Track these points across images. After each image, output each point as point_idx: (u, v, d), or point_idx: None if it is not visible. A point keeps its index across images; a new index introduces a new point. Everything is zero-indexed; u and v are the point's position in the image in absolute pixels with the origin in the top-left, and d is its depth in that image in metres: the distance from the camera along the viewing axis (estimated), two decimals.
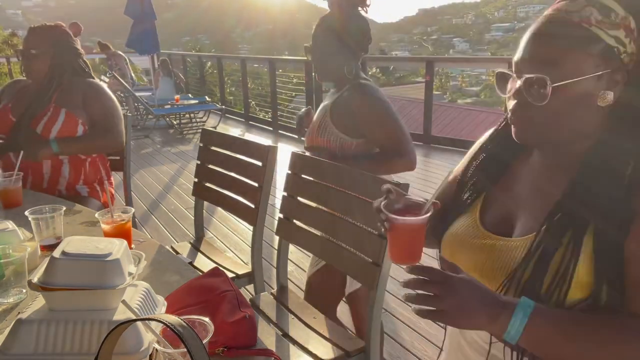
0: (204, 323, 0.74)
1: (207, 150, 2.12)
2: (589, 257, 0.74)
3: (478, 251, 0.87)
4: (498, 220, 0.89)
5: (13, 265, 1.06)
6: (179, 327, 0.51)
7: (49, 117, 2.02)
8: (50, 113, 2.02)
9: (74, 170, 2.12)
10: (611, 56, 0.75)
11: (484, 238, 0.87)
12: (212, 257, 2.04)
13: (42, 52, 2.04)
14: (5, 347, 0.83)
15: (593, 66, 0.74)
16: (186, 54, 12.53)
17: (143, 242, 1.42)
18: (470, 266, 0.87)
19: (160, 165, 5.60)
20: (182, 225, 3.77)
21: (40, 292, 0.85)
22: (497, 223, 0.89)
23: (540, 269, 0.76)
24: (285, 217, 1.76)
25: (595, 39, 0.74)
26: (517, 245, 0.82)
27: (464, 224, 0.92)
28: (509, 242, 0.84)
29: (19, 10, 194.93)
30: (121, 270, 0.88)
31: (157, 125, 7.60)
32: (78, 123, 2.06)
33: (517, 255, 0.80)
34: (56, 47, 2.08)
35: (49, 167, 2.07)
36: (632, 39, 0.76)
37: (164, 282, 1.18)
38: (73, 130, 2.05)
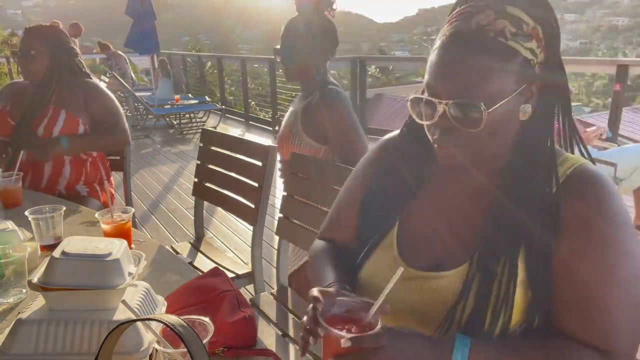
0: (204, 323, 0.74)
1: (207, 150, 2.12)
2: (523, 281, 0.72)
3: (407, 293, 0.79)
4: (420, 253, 0.82)
5: (13, 265, 1.06)
6: (179, 327, 0.51)
7: (49, 118, 2.02)
8: (50, 114, 2.02)
9: (75, 170, 2.12)
10: (528, 69, 0.72)
11: (411, 277, 0.80)
12: (212, 257, 2.04)
13: (40, 52, 2.03)
14: (5, 347, 0.83)
15: (515, 82, 0.71)
16: (186, 54, 12.53)
17: (143, 242, 1.42)
18: (402, 310, 0.79)
19: (160, 165, 5.60)
20: (182, 225, 3.77)
21: (40, 292, 0.85)
22: (420, 256, 0.81)
23: (481, 303, 0.72)
24: (285, 217, 1.76)
25: (513, 53, 0.70)
26: (450, 282, 0.75)
27: (382, 261, 0.84)
28: (439, 278, 0.77)
29: (19, 10, 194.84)
30: (121, 270, 0.88)
31: (157, 125, 7.60)
32: (79, 123, 2.06)
33: (452, 292, 0.75)
34: (54, 48, 2.07)
35: (50, 167, 2.07)
36: (541, 48, 0.74)
37: (164, 282, 1.18)
38: (74, 130, 2.05)
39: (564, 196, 0.74)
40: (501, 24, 0.70)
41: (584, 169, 0.76)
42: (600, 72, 23.39)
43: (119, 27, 9.07)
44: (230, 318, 0.95)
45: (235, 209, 1.99)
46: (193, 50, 16.54)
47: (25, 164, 1.92)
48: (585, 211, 0.72)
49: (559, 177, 0.75)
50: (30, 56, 2.03)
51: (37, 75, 2.06)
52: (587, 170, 0.76)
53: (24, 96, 2.09)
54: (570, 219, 0.72)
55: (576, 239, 0.72)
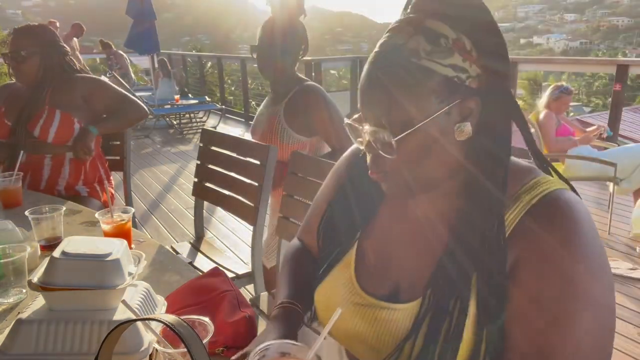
0: (204, 323, 0.74)
1: (207, 150, 2.12)
2: (473, 322, 0.66)
3: (359, 319, 0.76)
4: (378, 277, 0.77)
5: (13, 265, 1.06)
6: (179, 327, 0.51)
7: (45, 119, 2.01)
8: (46, 115, 2.01)
9: (74, 170, 2.11)
10: (453, 87, 0.65)
11: (365, 303, 0.76)
12: (212, 257, 2.04)
13: (31, 52, 2.01)
14: (5, 347, 0.83)
15: (436, 103, 0.65)
16: (186, 54, 12.53)
17: (143, 242, 1.42)
18: (353, 334, 0.77)
19: (160, 165, 5.60)
20: (182, 225, 3.77)
21: (40, 292, 0.85)
22: (377, 281, 0.77)
23: (429, 343, 0.68)
24: (285, 217, 1.76)
25: (429, 73, 0.64)
26: (403, 316, 0.71)
27: (339, 281, 0.80)
28: (392, 310, 0.73)
29: (18, 10, 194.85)
30: (121, 270, 0.88)
31: (157, 125, 7.60)
32: (74, 122, 2.05)
33: (403, 326, 0.71)
34: (44, 47, 2.05)
35: (49, 168, 2.07)
36: (471, 60, 0.65)
37: (164, 282, 1.18)
38: (69, 130, 2.05)
39: (522, 231, 0.66)
40: (415, 42, 0.65)
41: (553, 198, 0.66)
42: (600, 72, 23.38)
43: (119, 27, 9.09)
44: (230, 318, 0.95)
45: (235, 209, 1.99)
46: (193, 50, 16.53)
47: (24, 164, 1.92)
48: (548, 251, 0.64)
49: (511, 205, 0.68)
50: (21, 57, 2.01)
51: (29, 76, 2.04)
52: (558, 199, 0.66)
53: (19, 98, 2.07)
54: (529, 259, 0.65)
55: (534, 283, 0.64)
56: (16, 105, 2.05)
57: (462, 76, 0.65)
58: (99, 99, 2.12)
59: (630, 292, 2.64)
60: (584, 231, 0.64)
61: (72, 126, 2.05)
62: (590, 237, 0.65)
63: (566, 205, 0.66)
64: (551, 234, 0.64)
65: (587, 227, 0.65)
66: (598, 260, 0.64)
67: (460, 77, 0.65)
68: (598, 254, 0.64)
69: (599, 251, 0.65)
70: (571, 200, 0.66)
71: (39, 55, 2.03)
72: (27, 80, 2.06)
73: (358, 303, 0.76)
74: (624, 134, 5.50)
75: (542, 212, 0.66)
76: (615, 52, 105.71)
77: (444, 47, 0.64)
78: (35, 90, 2.05)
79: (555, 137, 3.63)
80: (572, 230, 0.64)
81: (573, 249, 0.63)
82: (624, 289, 2.66)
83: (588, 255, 0.63)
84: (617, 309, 2.45)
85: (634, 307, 2.50)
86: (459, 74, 0.65)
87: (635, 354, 2.14)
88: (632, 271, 2.83)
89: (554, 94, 3.65)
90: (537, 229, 0.65)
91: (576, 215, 0.65)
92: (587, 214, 0.66)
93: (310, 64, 6.62)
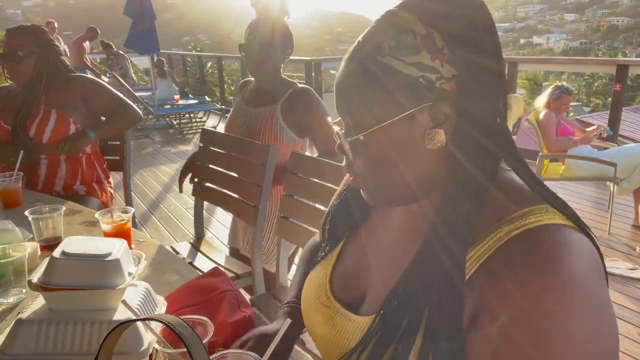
0: (204, 323, 0.74)
1: (207, 150, 2.12)
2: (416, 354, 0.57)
3: (322, 320, 0.73)
4: (347, 284, 0.74)
5: (13, 265, 1.06)
6: (179, 327, 0.51)
7: (41, 119, 2.01)
8: (42, 115, 2.01)
9: (71, 170, 2.11)
10: (419, 89, 0.57)
11: (329, 305, 0.73)
12: (212, 257, 2.04)
13: (27, 52, 2.01)
14: (5, 347, 0.83)
15: (397, 107, 0.58)
16: (186, 54, 12.53)
17: (143, 242, 1.42)
18: (318, 335, 0.74)
19: (160, 165, 5.60)
20: (182, 225, 3.77)
21: (40, 292, 0.85)
22: (346, 288, 0.74)
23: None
24: (285, 217, 1.76)
25: (391, 72, 0.57)
26: (355, 327, 0.67)
27: (315, 281, 0.78)
28: (348, 320, 0.69)
29: (18, 10, 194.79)
30: (121, 270, 0.88)
31: (157, 125, 7.60)
32: (70, 122, 2.05)
33: (353, 338, 0.66)
34: (41, 47, 2.05)
35: (45, 168, 2.06)
36: (442, 60, 0.57)
37: (164, 282, 1.18)
38: (65, 130, 2.04)
39: (488, 271, 0.54)
40: (380, 37, 0.58)
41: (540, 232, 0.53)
42: (600, 72, 23.39)
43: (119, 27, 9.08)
44: (230, 318, 0.95)
45: (235, 209, 1.99)
46: (193, 50, 16.54)
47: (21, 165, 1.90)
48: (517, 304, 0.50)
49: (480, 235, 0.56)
50: (17, 57, 2.00)
51: (24, 76, 2.03)
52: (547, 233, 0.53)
53: (14, 98, 2.06)
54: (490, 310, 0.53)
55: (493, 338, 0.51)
56: (12, 106, 2.05)
57: (431, 77, 0.57)
58: (98, 99, 2.11)
59: (630, 292, 2.63)
60: (572, 283, 0.49)
61: (68, 126, 2.05)
62: (582, 296, 0.49)
63: (556, 243, 0.52)
64: (522, 287, 0.50)
65: (581, 279, 0.50)
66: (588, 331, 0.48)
67: (427, 78, 0.57)
68: (589, 322, 0.49)
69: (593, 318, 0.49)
70: (568, 240, 0.52)
71: (35, 55, 2.03)
72: (23, 80, 2.05)
73: (324, 304, 0.73)
74: (624, 134, 5.50)
75: (518, 248, 0.53)
76: (615, 52, 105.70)
77: (410, 44, 0.57)
78: (31, 91, 2.04)
79: (555, 137, 3.63)
80: (552, 278, 0.49)
81: (548, 305, 0.49)
82: (624, 289, 2.66)
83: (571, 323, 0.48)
84: (617, 309, 2.45)
85: (634, 307, 2.50)
86: (426, 73, 0.57)
87: (635, 354, 2.14)
88: (632, 271, 2.83)
89: (554, 94, 3.65)
90: (505, 270, 0.52)
91: (567, 259, 0.50)
92: (587, 264, 0.52)
93: (310, 64, 6.63)
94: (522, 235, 0.53)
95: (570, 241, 0.52)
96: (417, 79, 0.57)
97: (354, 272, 0.74)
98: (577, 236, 0.54)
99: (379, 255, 0.72)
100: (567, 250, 0.51)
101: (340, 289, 0.74)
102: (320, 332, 0.73)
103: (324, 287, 0.75)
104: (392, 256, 0.69)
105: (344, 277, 0.75)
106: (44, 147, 2.03)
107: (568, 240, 0.52)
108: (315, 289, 0.76)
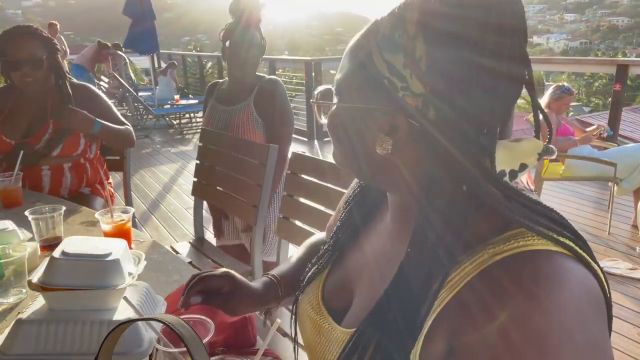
0: (204, 323, 0.74)
1: (206, 150, 2.12)
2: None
3: (311, 327, 0.71)
4: (337, 292, 0.72)
5: (13, 265, 1.06)
6: (179, 327, 0.50)
7: (50, 134, 1.92)
8: (51, 130, 1.92)
9: (76, 177, 2.04)
10: (381, 89, 0.54)
11: (318, 312, 0.71)
12: (212, 257, 2.04)
13: (46, 56, 1.89)
14: (5, 347, 0.83)
15: (361, 96, 0.56)
16: (186, 54, 12.53)
17: (143, 242, 1.42)
18: (306, 342, 0.73)
19: (160, 165, 5.60)
20: (182, 225, 3.77)
21: (40, 292, 0.85)
22: (335, 295, 0.72)
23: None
24: (285, 217, 1.76)
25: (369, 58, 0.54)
26: (336, 339, 0.64)
27: (309, 291, 0.76)
28: (332, 329, 0.66)
29: (19, 10, 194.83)
30: (121, 270, 0.88)
31: (157, 125, 7.60)
32: (80, 136, 1.97)
33: (335, 348, 0.64)
34: (50, 51, 1.93)
35: (49, 179, 1.98)
36: (414, 72, 0.51)
37: (164, 282, 1.18)
38: (76, 145, 1.97)
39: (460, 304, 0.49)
40: (382, 24, 0.55)
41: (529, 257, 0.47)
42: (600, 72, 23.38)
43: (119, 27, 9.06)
44: (230, 318, 0.95)
45: (235, 209, 1.99)
46: (193, 50, 16.54)
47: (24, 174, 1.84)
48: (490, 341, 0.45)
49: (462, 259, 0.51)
50: (39, 62, 1.85)
51: (42, 84, 1.90)
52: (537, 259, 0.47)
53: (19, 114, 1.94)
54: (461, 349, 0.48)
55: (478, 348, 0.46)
56: (18, 122, 1.93)
57: (397, 84, 0.52)
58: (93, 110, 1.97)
59: (630, 292, 2.63)
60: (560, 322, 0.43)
61: (79, 141, 1.98)
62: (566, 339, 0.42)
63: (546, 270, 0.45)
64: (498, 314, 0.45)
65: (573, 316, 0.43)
66: None
67: (392, 83, 0.52)
68: None
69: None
70: (562, 269, 0.46)
71: (47, 60, 1.91)
72: (35, 87, 1.90)
73: (315, 310, 0.72)
74: (624, 134, 5.49)
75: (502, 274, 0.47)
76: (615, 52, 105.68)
77: (395, 40, 0.52)
78: (38, 105, 1.94)
79: (556, 137, 3.62)
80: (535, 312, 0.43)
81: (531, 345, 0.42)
82: (623, 289, 2.66)
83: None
84: (617, 309, 2.45)
85: (634, 307, 2.49)
86: (392, 77, 0.52)
87: (635, 354, 2.14)
88: (632, 271, 2.82)
89: (555, 94, 3.64)
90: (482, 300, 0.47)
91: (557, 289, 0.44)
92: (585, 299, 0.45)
93: (310, 64, 6.62)
94: (508, 258, 0.48)
95: (569, 270, 0.46)
96: (382, 78, 0.53)
97: (343, 282, 0.72)
98: (578, 268, 0.47)
99: (367, 269, 0.69)
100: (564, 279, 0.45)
101: (329, 299, 0.73)
102: (308, 339, 0.72)
103: (317, 294, 0.74)
104: (377, 273, 0.66)
105: (335, 287, 0.73)
106: (49, 158, 1.94)
107: (567, 269, 0.46)
108: (309, 300, 0.75)
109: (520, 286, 0.45)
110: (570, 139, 3.66)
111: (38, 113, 1.95)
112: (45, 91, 1.96)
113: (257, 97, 2.01)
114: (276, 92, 1.99)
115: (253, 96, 2.02)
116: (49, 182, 1.98)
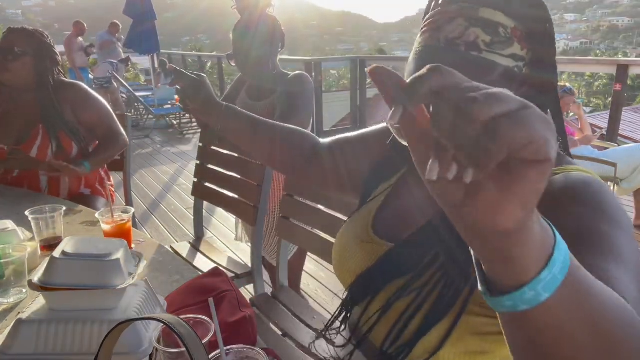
0: (204, 323, 0.74)
1: (206, 150, 2.12)
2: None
3: (364, 255, 0.77)
4: (390, 223, 0.79)
5: (13, 265, 1.06)
6: (178, 327, 0.50)
7: (41, 141, 1.89)
8: (41, 137, 1.89)
9: (75, 179, 2.03)
10: (512, 76, 0.64)
11: (371, 241, 0.78)
12: (212, 257, 2.04)
13: (24, 52, 1.88)
14: (5, 347, 0.83)
15: None
16: (186, 54, 12.53)
17: (143, 242, 1.42)
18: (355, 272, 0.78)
19: (160, 165, 5.60)
20: (182, 225, 3.77)
21: (40, 292, 0.85)
22: (389, 227, 0.78)
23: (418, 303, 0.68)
24: (285, 217, 1.76)
25: (490, 66, 0.62)
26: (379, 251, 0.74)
27: (355, 225, 0.82)
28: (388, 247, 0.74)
29: (19, 10, 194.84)
30: (121, 270, 0.88)
31: (157, 125, 7.60)
32: (72, 145, 1.95)
33: None
34: (38, 51, 1.91)
35: (47, 182, 1.96)
36: (527, 48, 0.64)
37: (164, 282, 1.18)
38: (68, 150, 1.94)
39: None
40: (473, 34, 0.62)
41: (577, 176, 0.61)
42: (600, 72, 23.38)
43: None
44: (230, 318, 0.95)
45: (235, 209, 1.99)
46: (193, 50, 16.54)
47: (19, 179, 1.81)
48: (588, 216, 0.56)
49: None
50: (13, 54, 1.85)
51: (18, 78, 1.89)
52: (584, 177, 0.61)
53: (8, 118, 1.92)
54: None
55: None
56: (9, 126, 1.90)
57: (521, 65, 0.64)
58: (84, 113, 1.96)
59: None
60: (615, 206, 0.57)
61: (71, 145, 1.95)
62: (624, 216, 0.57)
63: (593, 182, 0.59)
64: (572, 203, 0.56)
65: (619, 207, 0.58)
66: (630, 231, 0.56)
67: (519, 66, 0.64)
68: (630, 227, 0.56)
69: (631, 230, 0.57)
70: (601, 182, 0.60)
71: (32, 57, 1.90)
72: (15, 82, 1.90)
73: (365, 241, 0.78)
74: (624, 134, 5.49)
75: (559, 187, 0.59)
76: (615, 52, 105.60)
77: (504, 37, 0.62)
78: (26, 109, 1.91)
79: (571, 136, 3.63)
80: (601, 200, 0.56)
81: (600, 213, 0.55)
82: None
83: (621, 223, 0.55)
84: None
85: None
86: (518, 63, 0.64)
87: None
88: None
89: None
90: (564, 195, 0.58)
91: (605, 190, 0.58)
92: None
93: (310, 64, 6.62)
94: (560, 177, 0.61)
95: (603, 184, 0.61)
96: (512, 69, 0.63)
97: (399, 214, 0.78)
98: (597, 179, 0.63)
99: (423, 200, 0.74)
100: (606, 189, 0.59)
101: (383, 229, 0.78)
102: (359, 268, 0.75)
103: (366, 228, 0.79)
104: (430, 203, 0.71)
105: (388, 218, 0.79)
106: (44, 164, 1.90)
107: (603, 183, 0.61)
108: (355, 229, 0.80)
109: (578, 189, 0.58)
110: (570, 139, 3.66)
111: (28, 117, 1.92)
112: (32, 92, 1.94)
113: (287, 94, 1.89)
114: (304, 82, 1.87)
115: (279, 93, 1.90)
116: (47, 184, 1.97)
